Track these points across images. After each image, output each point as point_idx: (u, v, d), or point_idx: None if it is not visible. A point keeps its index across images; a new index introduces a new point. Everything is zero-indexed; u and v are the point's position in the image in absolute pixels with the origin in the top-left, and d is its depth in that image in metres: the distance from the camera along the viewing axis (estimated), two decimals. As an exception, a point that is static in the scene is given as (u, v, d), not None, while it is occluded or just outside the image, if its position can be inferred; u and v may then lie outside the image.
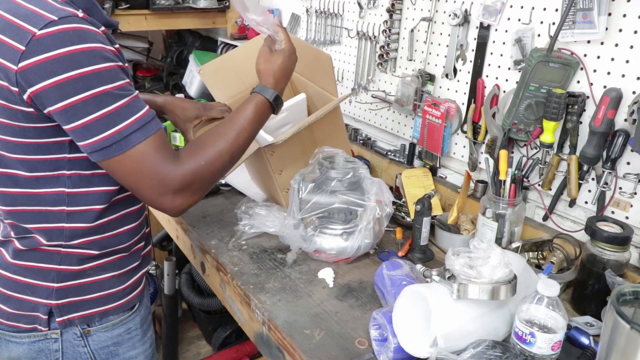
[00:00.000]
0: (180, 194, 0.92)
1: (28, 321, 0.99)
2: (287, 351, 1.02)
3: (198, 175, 0.94)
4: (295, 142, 1.38)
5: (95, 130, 0.84)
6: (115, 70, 0.85)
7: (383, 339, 0.99)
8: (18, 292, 0.98)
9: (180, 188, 0.92)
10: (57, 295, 0.98)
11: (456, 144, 1.56)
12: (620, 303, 0.81)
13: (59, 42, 0.80)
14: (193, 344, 2.46)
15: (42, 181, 0.92)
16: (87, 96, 0.82)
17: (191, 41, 2.78)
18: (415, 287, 0.97)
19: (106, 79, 0.84)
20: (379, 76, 1.79)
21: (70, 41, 0.80)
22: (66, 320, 1.00)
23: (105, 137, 0.85)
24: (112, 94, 0.84)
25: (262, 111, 1.07)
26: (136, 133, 0.87)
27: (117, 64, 0.86)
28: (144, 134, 0.88)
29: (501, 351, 0.88)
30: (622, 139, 1.12)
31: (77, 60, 0.81)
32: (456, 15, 1.43)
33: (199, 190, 0.95)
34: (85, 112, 0.83)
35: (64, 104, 0.81)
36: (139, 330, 1.12)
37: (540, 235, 1.31)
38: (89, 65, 0.82)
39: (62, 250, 0.97)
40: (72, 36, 0.81)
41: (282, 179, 1.41)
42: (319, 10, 1.99)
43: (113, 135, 0.85)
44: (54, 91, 0.80)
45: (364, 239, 1.26)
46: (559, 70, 1.19)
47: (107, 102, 0.84)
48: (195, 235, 1.42)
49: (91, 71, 0.82)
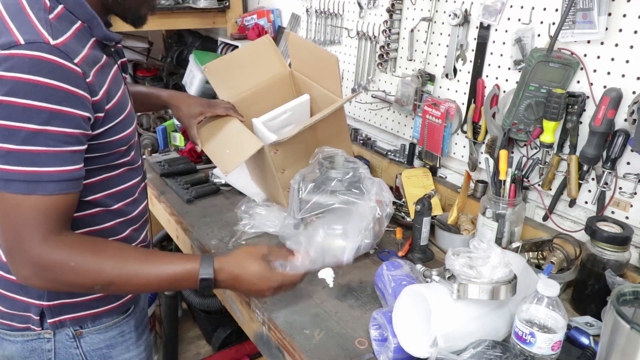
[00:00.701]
0: (31, 271, 0.83)
1: (21, 320, 0.99)
2: (287, 351, 1.02)
3: (59, 271, 0.83)
4: (299, 141, 1.38)
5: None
6: (54, 113, 0.79)
7: (383, 339, 0.99)
8: (12, 291, 0.98)
9: (34, 266, 0.82)
10: (49, 297, 0.98)
11: (456, 144, 1.56)
12: (620, 303, 0.81)
13: (10, 66, 0.76)
14: (193, 344, 2.46)
15: None
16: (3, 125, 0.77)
17: (191, 41, 2.78)
18: (415, 287, 0.97)
19: (34, 118, 0.77)
20: (379, 76, 1.79)
21: (20, 69, 0.76)
22: (57, 321, 0.99)
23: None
24: (28, 135, 0.78)
25: (183, 278, 0.91)
26: (21, 183, 0.79)
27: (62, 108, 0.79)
28: (28, 188, 0.79)
29: (501, 351, 0.88)
30: (622, 139, 1.12)
31: (13, 88, 0.76)
32: (456, 15, 1.43)
33: (52, 282, 0.85)
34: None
35: None
36: (134, 333, 1.11)
37: (540, 235, 1.31)
38: (23, 98, 0.77)
39: None
40: (26, 64, 0.77)
41: (284, 178, 1.41)
42: (319, 10, 1.99)
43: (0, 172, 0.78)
44: None
45: (364, 239, 1.26)
46: (559, 70, 1.19)
47: (15, 140, 0.77)
48: (195, 235, 1.42)
49: (22, 104, 0.77)
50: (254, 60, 1.60)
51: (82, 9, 0.88)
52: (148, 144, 2.03)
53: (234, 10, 2.58)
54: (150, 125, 2.22)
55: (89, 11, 0.89)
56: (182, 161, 1.86)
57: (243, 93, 1.56)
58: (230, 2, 2.55)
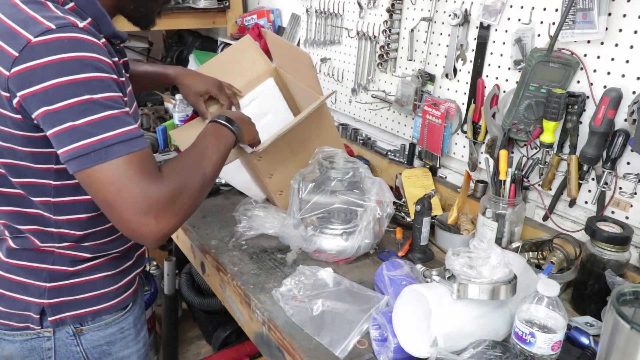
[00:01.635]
0: (162, 215, 0.84)
1: (20, 320, 0.99)
2: (287, 351, 1.02)
3: (180, 192, 0.88)
4: (282, 145, 1.38)
5: (76, 136, 0.80)
6: (107, 81, 0.83)
7: (383, 339, 0.99)
8: (11, 290, 0.98)
9: (164, 206, 0.85)
10: (49, 295, 0.98)
11: (456, 144, 1.56)
12: (620, 303, 0.81)
13: (52, 49, 0.79)
14: (193, 344, 2.46)
15: (28, 187, 0.92)
16: (72, 103, 0.79)
17: (191, 41, 2.78)
18: (415, 287, 0.97)
19: (95, 88, 0.81)
20: (379, 76, 1.79)
21: (63, 49, 0.79)
22: (58, 319, 0.99)
23: (85, 144, 0.80)
24: (100, 103, 0.81)
25: (217, 130, 1.07)
26: (119, 145, 0.82)
27: (110, 75, 0.84)
28: (128, 148, 0.83)
29: (501, 351, 0.88)
30: (622, 139, 1.12)
31: (67, 68, 0.79)
32: (456, 15, 1.43)
33: (180, 212, 0.88)
34: (68, 118, 0.80)
35: (48, 108, 0.79)
36: (132, 329, 1.12)
37: (540, 235, 1.31)
38: (79, 73, 0.80)
39: (56, 251, 0.97)
40: (66, 45, 0.80)
41: (273, 183, 1.41)
42: (319, 10, 1.99)
43: (94, 143, 0.80)
44: (41, 96, 0.79)
45: (364, 239, 1.26)
46: (559, 70, 1.19)
47: (93, 111, 0.81)
48: (195, 235, 1.42)
49: (80, 79, 0.80)
50: (239, 61, 1.60)
51: (92, 7, 0.90)
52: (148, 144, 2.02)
53: (234, 10, 2.58)
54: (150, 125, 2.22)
55: (99, 9, 0.91)
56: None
57: None
58: (230, 2, 2.55)
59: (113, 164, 0.81)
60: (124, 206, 0.82)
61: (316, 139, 1.42)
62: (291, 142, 1.40)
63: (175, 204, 0.87)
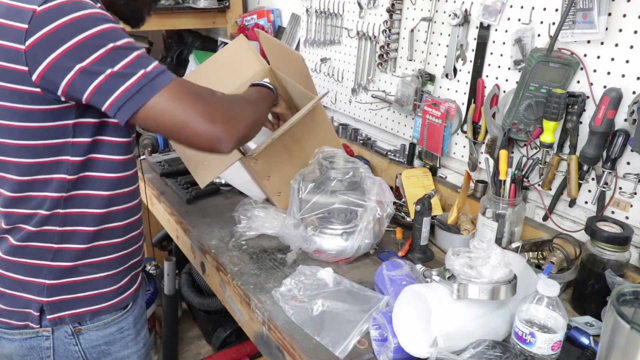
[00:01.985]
0: (230, 119, 0.91)
1: (20, 318, 0.99)
2: (287, 351, 1.02)
3: (236, 106, 0.96)
4: (278, 147, 1.37)
5: (120, 81, 0.83)
6: (120, 30, 0.86)
7: (383, 339, 0.99)
8: (11, 288, 0.99)
9: (227, 112, 0.92)
10: (49, 293, 0.98)
11: (456, 144, 1.56)
12: (620, 303, 0.81)
13: (60, 13, 0.81)
14: (193, 344, 2.46)
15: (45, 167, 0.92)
16: (101, 54, 0.82)
17: (191, 41, 2.77)
18: (415, 287, 0.97)
19: (115, 37, 0.84)
20: (379, 76, 1.79)
21: (71, 10, 0.81)
22: (57, 318, 1.00)
23: (132, 83, 0.83)
24: (125, 47, 0.84)
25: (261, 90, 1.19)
26: (161, 76, 0.86)
27: (120, 26, 0.87)
28: (168, 76, 0.87)
29: (501, 351, 0.88)
30: (622, 139, 1.12)
31: (82, 25, 0.82)
32: (456, 15, 1.43)
33: (242, 118, 0.95)
34: (104, 68, 0.82)
35: (80, 65, 0.81)
36: (132, 330, 1.12)
37: (540, 235, 1.31)
38: (95, 27, 0.82)
39: (55, 247, 0.97)
40: (71, 6, 0.82)
41: (271, 184, 1.41)
42: (319, 10, 1.99)
43: (139, 80, 0.84)
44: (67, 58, 0.81)
45: (364, 239, 1.26)
46: (559, 70, 1.19)
47: (123, 55, 0.84)
48: (195, 235, 1.42)
49: (98, 31, 0.82)
50: (233, 61, 1.60)
51: None
52: (148, 144, 2.02)
53: (234, 10, 2.58)
54: (150, 125, 2.22)
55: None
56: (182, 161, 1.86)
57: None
58: (230, 2, 2.55)
59: (166, 91, 0.86)
60: (196, 122, 0.87)
61: (313, 139, 1.42)
62: (287, 143, 1.40)
63: (235, 110, 0.95)
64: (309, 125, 1.44)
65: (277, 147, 1.37)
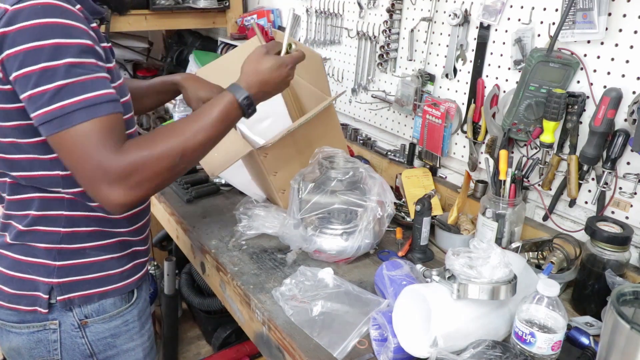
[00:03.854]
0: (117, 186, 0.85)
1: (29, 302, 1.00)
2: (287, 351, 1.02)
3: (140, 167, 0.87)
4: (289, 143, 1.38)
5: (42, 102, 0.82)
6: (80, 47, 0.84)
7: (383, 339, 0.99)
8: (20, 271, 1.00)
9: (118, 178, 0.85)
10: (59, 273, 1.00)
11: (456, 144, 1.56)
12: (620, 303, 0.81)
13: (26, 15, 0.81)
14: (193, 344, 2.46)
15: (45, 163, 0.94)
16: (41, 67, 0.81)
17: (191, 41, 2.78)
18: (415, 287, 0.97)
19: (66, 54, 0.83)
20: (379, 76, 1.79)
21: (36, 15, 0.81)
22: (66, 299, 1.01)
23: (48, 111, 0.82)
24: (69, 69, 0.83)
25: (229, 112, 1.00)
26: (81, 111, 0.83)
27: (84, 41, 0.85)
28: (89, 114, 0.83)
29: (501, 351, 0.87)
30: (622, 139, 1.12)
31: (40, 33, 0.81)
32: (456, 15, 1.43)
33: (139, 185, 0.87)
34: (36, 83, 0.82)
35: (20, 72, 0.82)
36: (137, 322, 1.13)
37: (540, 235, 1.31)
38: (52, 38, 0.82)
39: (62, 231, 0.99)
40: (40, 10, 0.82)
41: (277, 180, 1.41)
42: (319, 10, 1.99)
43: (56, 110, 0.82)
44: (15, 60, 0.82)
45: (364, 239, 1.26)
46: (559, 70, 1.19)
47: (60, 76, 0.82)
48: (195, 235, 1.42)
49: (52, 44, 0.82)
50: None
51: None
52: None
53: (234, 10, 2.58)
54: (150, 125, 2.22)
55: None
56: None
57: None
58: (230, 2, 2.55)
59: (75, 131, 0.83)
60: (85, 173, 0.85)
61: (322, 140, 1.42)
62: (297, 141, 1.40)
63: (133, 177, 0.86)
64: (320, 125, 1.44)
65: (288, 143, 1.37)
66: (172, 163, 0.91)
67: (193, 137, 0.94)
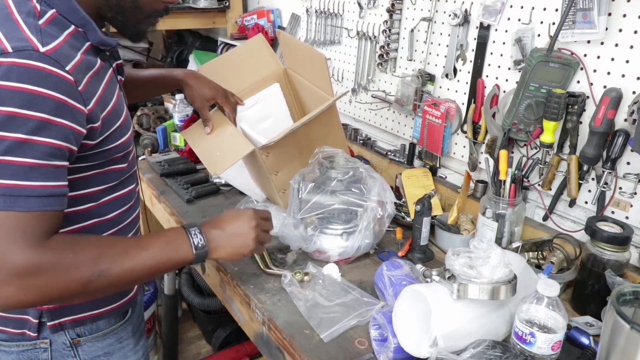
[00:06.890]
0: (9, 284, 0.74)
1: (17, 325, 0.96)
2: (287, 351, 1.02)
3: (45, 274, 0.76)
4: (291, 142, 1.37)
5: None
6: (40, 122, 0.75)
7: (383, 339, 0.99)
8: None
9: (14, 275, 0.74)
10: None
11: (456, 144, 1.56)
12: (620, 303, 0.81)
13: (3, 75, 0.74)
14: (193, 344, 2.46)
15: None
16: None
17: (191, 41, 2.78)
18: (415, 287, 0.97)
19: (19, 127, 0.74)
20: (379, 76, 1.79)
21: (7, 77, 0.74)
22: (57, 324, 0.97)
23: None
24: (13, 144, 0.74)
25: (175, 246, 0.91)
26: (0, 198, 0.73)
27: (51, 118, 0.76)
28: (9, 204, 0.74)
29: (501, 351, 0.88)
30: (622, 139, 1.12)
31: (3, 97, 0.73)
32: (456, 15, 1.43)
33: (35, 292, 0.76)
34: None
35: None
36: (131, 339, 1.11)
37: (540, 235, 1.31)
38: (9, 106, 0.73)
39: None
40: (12, 72, 0.74)
41: (278, 180, 1.41)
42: (319, 10, 1.99)
43: None
44: None
45: (364, 239, 1.26)
46: (559, 70, 1.19)
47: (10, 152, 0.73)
48: (195, 235, 1.42)
49: (6, 112, 0.73)
50: (248, 60, 1.60)
51: (75, 14, 0.86)
52: (148, 144, 2.03)
53: (234, 10, 2.58)
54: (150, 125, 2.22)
55: (83, 16, 0.87)
56: (182, 161, 1.86)
57: (238, 93, 1.56)
58: (230, 2, 2.55)
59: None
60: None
61: (324, 140, 1.41)
62: (299, 141, 1.40)
63: (33, 279, 0.75)
64: (323, 126, 1.44)
65: (290, 142, 1.37)
66: (88, 282, 0.80)
67: (119, 266, 0.83)
